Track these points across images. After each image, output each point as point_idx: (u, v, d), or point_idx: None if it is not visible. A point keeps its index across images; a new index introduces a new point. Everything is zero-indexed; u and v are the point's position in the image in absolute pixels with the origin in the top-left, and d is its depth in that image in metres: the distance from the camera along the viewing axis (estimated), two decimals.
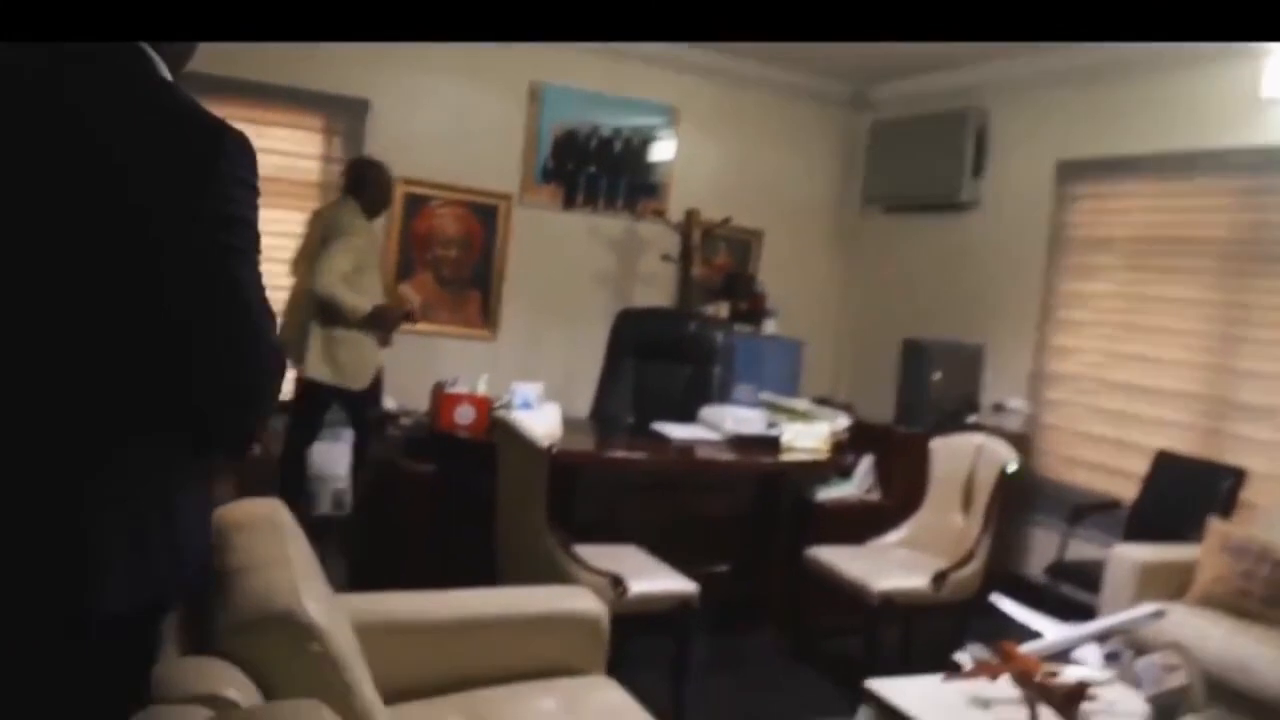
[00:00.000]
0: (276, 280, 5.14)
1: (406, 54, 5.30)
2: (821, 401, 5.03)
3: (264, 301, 1.43)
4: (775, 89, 6.31)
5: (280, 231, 5.24)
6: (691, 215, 5.87)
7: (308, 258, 4.44)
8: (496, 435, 3.50)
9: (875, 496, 4.46)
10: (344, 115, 5.33)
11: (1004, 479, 3.75)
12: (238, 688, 1.42)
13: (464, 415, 3.95)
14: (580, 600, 2.57)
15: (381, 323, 4.41)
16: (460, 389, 4.04)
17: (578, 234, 5.98)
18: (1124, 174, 4.81)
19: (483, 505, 3.57)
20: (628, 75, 5.90)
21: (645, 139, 6.06)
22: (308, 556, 1.85)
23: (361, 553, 4.27)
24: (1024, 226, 5.30)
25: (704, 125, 6.19)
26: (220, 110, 1.44)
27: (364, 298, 4.28)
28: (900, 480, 4.40)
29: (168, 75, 1.46)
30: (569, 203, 5.93)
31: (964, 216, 5.68)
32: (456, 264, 5.74)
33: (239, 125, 1.43)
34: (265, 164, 5.03)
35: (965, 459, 3.99)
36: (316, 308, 4.26)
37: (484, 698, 2.29)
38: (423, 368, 4.93)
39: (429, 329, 5.31)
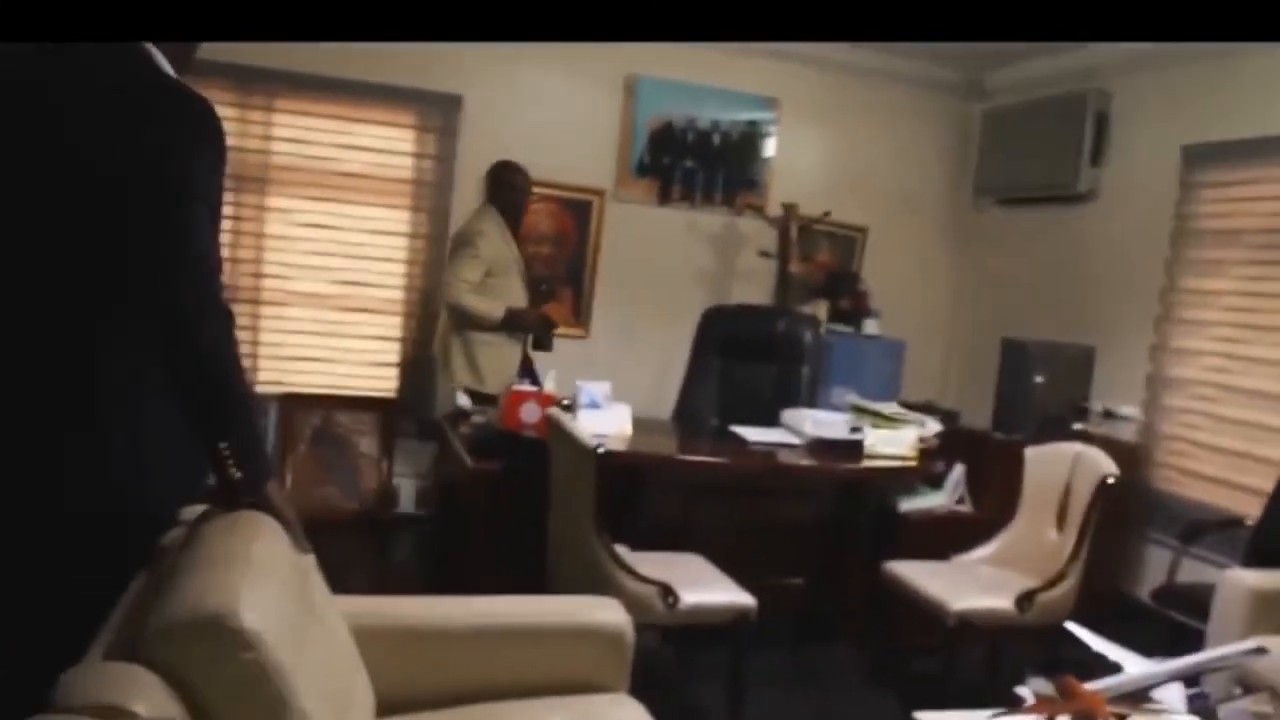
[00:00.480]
0: (368, 277, 5.25)
1: (498, 49, 5.27)
2: (923, 407, 4.72)
3: (203, 245, 1.69)
4: (881, 77, 6.01)
5: (374, 229, 5.32)
6: (789, 210, 5.66)
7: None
8: (549, 434, 3.41)
9: (966, 508, 4.15)
10: (436, 111, 5.33)
11: (1102, 492, 3.43)
12: (149, 698, 1.31)
13: (530, 413, 3.87)
14: (604, 611, 2.42)
15: (519, 325, 4.49)
16: (527, 386, 3.97)
17: (674, 229, 5.84)
18: (1258, 157, 4.34)
19: (543, 506, 3.49)
20: (725, 66, 5.71)
21: (744, 131, 5.87)
22: (278, 557, 1.76)
23: (433, 551, 4.26)
24: (1145, 218, 4.87)
25: (806, 116, 5.96)
26: (313, 108, 2.09)
27: (497, 303, 4.34)
28: (994, 491, 4.08)
29: (167, 68, 1.77)
30: (664, 197, 5.80)
31: (1081, 208, 5.28)
32: (549, 261, 5.69)
33: (332, 123, 2.04)
34: (358, 161, 5.21)
35: (1061, 469, 3.67)
36: (454, 319, 4.42)
37: (487, 712, 2.18)
38: (514, 365, 4.88)
39: None
